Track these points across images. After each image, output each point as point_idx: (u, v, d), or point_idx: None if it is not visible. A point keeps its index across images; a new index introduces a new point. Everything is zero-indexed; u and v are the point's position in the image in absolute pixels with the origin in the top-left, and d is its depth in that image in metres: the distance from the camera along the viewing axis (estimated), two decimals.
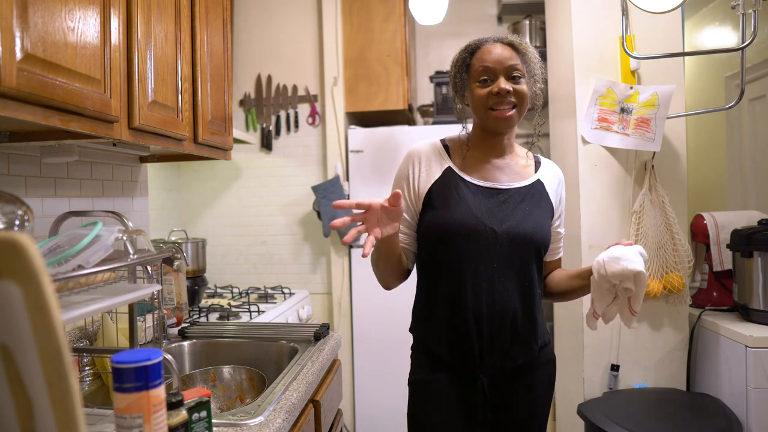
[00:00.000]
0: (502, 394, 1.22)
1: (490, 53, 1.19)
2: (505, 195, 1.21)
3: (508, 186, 1.23)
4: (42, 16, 0.91)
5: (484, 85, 1.19)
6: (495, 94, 1.17)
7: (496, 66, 1.18)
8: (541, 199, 1.25)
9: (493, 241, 1.17)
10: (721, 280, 2.06)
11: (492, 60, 1.18)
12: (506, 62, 1.18)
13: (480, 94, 1.19)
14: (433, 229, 1.21)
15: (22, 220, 0.92)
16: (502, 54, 1.18)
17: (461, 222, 1.17)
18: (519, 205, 1.21)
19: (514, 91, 1.17)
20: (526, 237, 1.18)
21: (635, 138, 1.94)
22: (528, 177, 1.27)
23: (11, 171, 1.33)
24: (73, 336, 1.47)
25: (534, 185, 1.26)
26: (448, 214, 1.19)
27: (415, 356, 1.31)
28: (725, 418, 1.70)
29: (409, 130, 2.65)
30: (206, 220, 2.89)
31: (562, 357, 2.31)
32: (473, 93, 1.21)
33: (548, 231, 1.25)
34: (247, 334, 1.69)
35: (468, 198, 1.20)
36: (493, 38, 1.23)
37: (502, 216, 1.19)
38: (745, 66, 1.84)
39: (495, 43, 1.21)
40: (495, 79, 1.18)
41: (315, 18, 2.80)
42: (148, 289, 1.11)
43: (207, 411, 0.93)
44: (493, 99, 1.17)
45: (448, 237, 1.19)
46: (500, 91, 1.16)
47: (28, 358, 0.51)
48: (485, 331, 1.17)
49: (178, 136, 1.48)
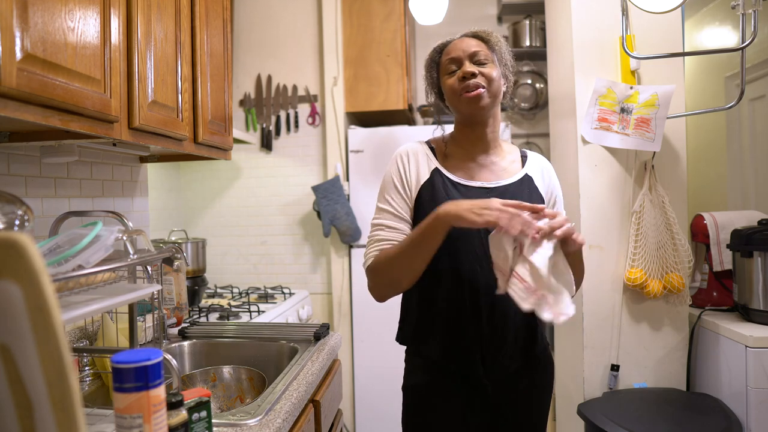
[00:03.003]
0: (502, 397, 1.21)
1: (455, 46, 1.23)
2: (495, 193, 1.20)
3: (496, 184, 1.22)
4: (42, 16, 0.91)
5: (452, 75, 1.21)
6: (461, 78, 1.19)
7: (461, 54, 1.21)
8: (531, 193, 1.24)
9: (487, 241, 1.15)
10: (721, 280, 2.06)
11: (456, 50, 1.22)
12: (469, 50, 1.21)
13: (450, 83, 1.22)
14: None
15: (22, 220, 0.92)
16: (466, 43, 1.22)
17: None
18: None
19: (480, 74, 1.19)
20: None
21: (635, 138, 1.94)
22: (515, 173, 1.26)
23: (11, 171, 1.33)
24: (73, 336, 1.47)
25: (523, 180, 1.25)
26: None
27: (410, 360, 1.28)
28: (725, 418, 1.70)
29: (409, 130, 2.65)
30: (206, 220, 2.89)
31: (562, 357, 2.31)
32: (445, 85, 1.24)
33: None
34: (247, 334, 1.69)
35: (457, 199, 1.18)
36: (459, 35, 1.26)
37: None
38: (745, 66, 1.84)
39: (461, 38, 1.25)
40: (461, 66, 1.21)
41: (315, 18, 2.80)
42: (148, 289, 1.11)
43: (207, 411, 0.93)
44: (461, 84, 1.19)
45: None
46: (465, 74, 1.18)
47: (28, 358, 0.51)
48: (486, 333, 1.16)
49: (178, 136, 1.48)
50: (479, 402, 1.20)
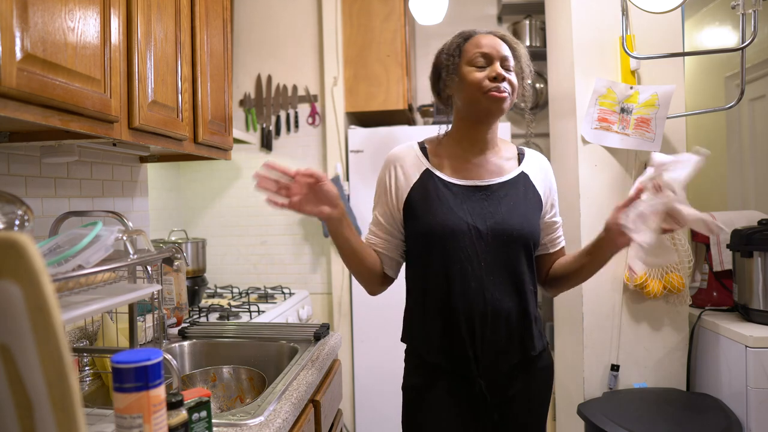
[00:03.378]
0: (500, 397, 1.21)
1: (486, 40, 1.21)
2: (487, 191, 1.20)
3: (489, 182, 1.22)
4: (42, 16, 0.92)
5: (481, 69, 1.19)
6: (492, 78, 1.17)
7: (493, 52, 1.19)
8: (526, 191, 1.23)
9: (478, 240, 1.16)
10: (721, 280, 2.06)
11: (488, 46, 1.20)
12: (502, 51, 1.20)
13: (476, 77, 1.18)
14: (418, 236, 1.22)
15: (22, 220, 0.92)
16: (499, 44, 1.21)
17: (443, 223, 1.16)
18: (503, 200, 1.20)
19: (508, 81, 1.19)
20: (513, 232, 1.17)
21: (635, 138, 1.94)
22: (511, 171, 1.25)
23: (11, 171, 1.33)
24: (73, 336, 1.47)
25: (518, 178, 1.24)
26: (431, 217, 1.18)
27: (410, 360, 1.29)
28: (725, 418, 1.70)
29: (409, 130, 2.65)
30: (206, 220, 2.89)
31: (562, 357, 2.31)
32: (467, 77, 1.19)
33: (536, 224, 1.23)
34: (247, 334, 1.69)
35: (448, 198, 1.19)
36: (487, 30, 1.25)
37: (486, 213, 1.18)
38: (745, 66, 1.84)
39: (489, 34, 1.23)
40: (491, 64, 1.19)
41: (315, 18, 2.80)
42: (148, 289, 1.11)
43: (207, 411, 0.93)
44: (490, 83, 1.17)
45: (431, 240, 1.18)
46: (498, 76, 1.17)
47: (28, 358, 0.51)
48: (478, 332, 1.16)
49: (178, 136, 1.48)
50: (477, 402, 1.20)
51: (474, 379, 1.18)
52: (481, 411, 1.20)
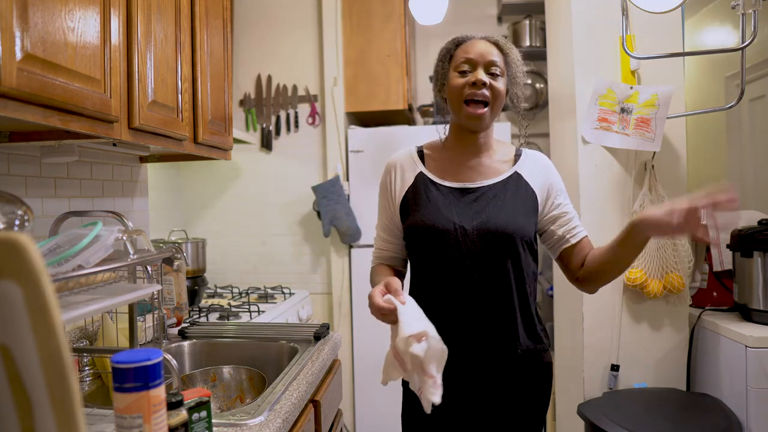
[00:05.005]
0: (498, 396, 1.21)
1: (474, 46, 1.22)
2: (477, 193, 1.23)
3: (479, 184, 1.24)
4: (42, 16, 0.92)
5: (463, 75, 1.21)
6: (471, 84, 1.18)
7: (477, 58, 1.20)
8: (517, 191, 1.24)
9: (464, 239, 1.18)
10: (721, 280, 2.06)
11: (474, 52, 1.21)
12: (487, 56, 1.20)
13: (457, 84, 1.21)
14: (410, 236, 1.26)
15: (22, 220, 0.92)
16: (486, 49, 1.21)
17: (430, 223, 1.20)
18: (491, 201, 1.22)
19: (489, 86, 1.19)
20: (498, 231, 1.18)
21: (635, 138, 1.94)
22: (503, 172, 1.26)
23: (11, 171, 1.33)
24: (73, 336, 1.47)
25: (509, 179, 1.25)
26: (419, 217, 1.23)
27: None
28: (725, 418, 1.70)
29: (409, 130, 2.65)
30: (206, 220, 2.89)
31: (562, 357, 2.31)
32: (450, 82, 1.23)
33: (526, 222, 1.22)
34: (247, 334, 1.69)
35: (437, 200, 1.23)
36: (480, 35, 1.25)
37: (473, 213, 1.20)
38: (745, 66, 1.84)
39: (481, 40, 1.24)
40: (474, 70, 1.20)
41: (315, 18, 2.80)
42: (148, 289, 1.11)
43: (207, 411, 0.93)
44: (468, 89, 1.18)
45: (421, 240, 1.23)
46: (476, 81, 1.18)
47: (28, 358, 0.51)
48: (464, 330, 1.18)
49: (178, 136, 1.48)
50: (475, 399, 1.21)
51: (465, 376, 1.20)
52: (479, 409, 1.21)
